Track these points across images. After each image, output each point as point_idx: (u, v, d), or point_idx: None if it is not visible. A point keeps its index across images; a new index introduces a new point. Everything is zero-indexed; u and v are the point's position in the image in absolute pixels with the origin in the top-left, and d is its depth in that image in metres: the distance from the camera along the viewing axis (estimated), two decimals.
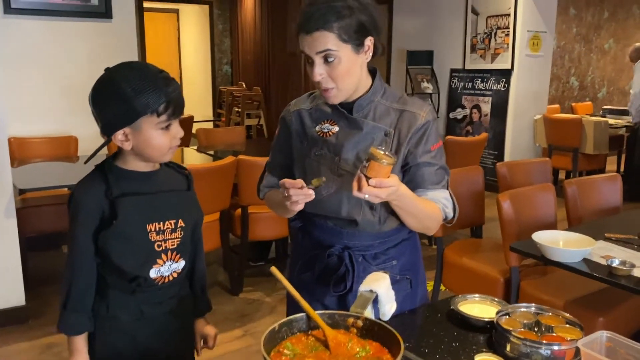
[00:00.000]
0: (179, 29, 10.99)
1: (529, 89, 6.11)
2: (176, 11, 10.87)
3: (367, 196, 1.18)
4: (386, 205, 1.37)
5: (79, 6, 4.17)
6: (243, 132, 5.18)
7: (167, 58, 10.67)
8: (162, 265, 1.34)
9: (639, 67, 5.80)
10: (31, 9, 4.02)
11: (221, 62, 10.58)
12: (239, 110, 9.31)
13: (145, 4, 9.34)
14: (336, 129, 1.42)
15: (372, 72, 1.46)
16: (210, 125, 9.94)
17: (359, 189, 1.18)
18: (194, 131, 6.01)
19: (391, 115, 1.42)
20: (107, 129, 1.26)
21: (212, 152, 4.36)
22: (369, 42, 1.36)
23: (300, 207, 1.28)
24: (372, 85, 1.43)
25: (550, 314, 1.38)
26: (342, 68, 1.32)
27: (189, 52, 10.90)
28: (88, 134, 4.22)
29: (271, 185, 1.56)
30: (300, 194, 1.25)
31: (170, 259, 1.35)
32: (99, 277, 1.35)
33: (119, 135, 1.27)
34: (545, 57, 6.19)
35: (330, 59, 1.30)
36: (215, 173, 3.22)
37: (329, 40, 1.29)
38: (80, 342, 1.34)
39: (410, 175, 1.42)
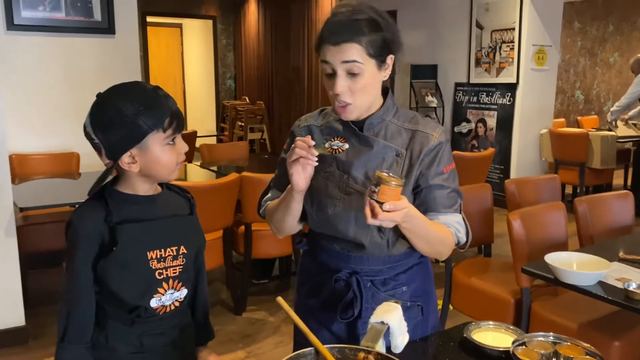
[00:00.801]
0: (182, 44, 11.02)
1: (535, 103, 6.07)
2: (179, 26, 10.90)
3: (382, 222, 1.14)
4: (395, 227, 1.32)
5: (82, 22, 4.16)
6: (246, 147, 5.15)
7: (170, 73, 10.69)
8: (163, 295, 1.28)
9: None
10: (34, 25, 4.00)
11: (225, 77, 10.59)
12: (242, 124, 9.29)
13: (149, 19, 9.40)
14: (346, 146, 1.39)
15: (385, 91, 1.42)
16: (213, 140, 9.92)
17: (374, 216, 1.13)
18: (197, 146, 5.98)
19: (403, 136, 1.38)
20: (114, 153, 1.22)
21: (215, 168, 4.32)
22: (389, 60, 1.34)
23: (303, 182, 1.27)
24: (383, 103, 1.40)
25: (568, 343, 1.32)
26: (364, 83, 1.29)
27: (192, 66, 10.92)
28: (90, 151, 4.13)
29: (274, 199, 1.50)
30: (308, 154, 1.23)
31: (172, 288, 1.30)
32: (97, 306, 1.29)
33: (125, 159, 1.21)
34: (551, 71, 6.16)
35: (354, 72, 1.28)
36: (218, 190, 3.17)
37: (356, 52, 1.27)
38: None
39: (421, 198, 1.37)
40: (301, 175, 1.27)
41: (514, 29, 5.87)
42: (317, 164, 1.26)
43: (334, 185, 1.38)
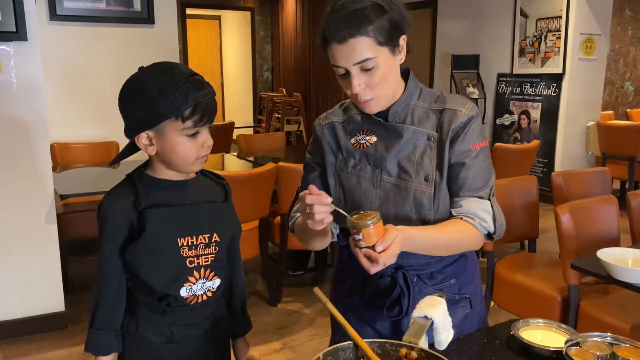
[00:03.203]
0: (220, 36, 11.09)
1: (582, 94, 5.82)
2: (218, 18, 10.97)
3: (386, 263, 1.06)
4: (436, 219, 1.25)
5: (122, 12, 4.19)
6: (283, 138, 5.12)
7: (208, 64, 10.77)
8: (194, 284, 1.24)
9: None
10: (75, 16, 4.06)
11: (262, 69, 10.60)
12: (279, 116, 9.29)
13: (188, 11, 9.47)
14: (374, 139, 1.31)
15: (405, 73, 1.33)
16: (250, 131, 9.96)
17: (375, 262, 1.05)
18: (234, 137, 6.00)
19: (431, 118, 1.29)
20: (129, 131, 1.19)
21: (252, 159, 4.30)
22: (402, 41, 1.24)
23: (322, 226, 1.12)
24: (405, 87, 1.31)
25: (627, 345, 1.22)
26: (381, 74, 1.20)
27: (230, 58, 10.97)
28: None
29: None
30: (323, 211, 1.09)
31: (204, 277, 1.25)
32: (128, 293, 1.26)
33: (142, 139, 1.18)
34: (599, 61, 5.90)
35: (369, 67, 1.19)
36: (254, 180, 3.15)
37: (366, 46, 1.17)
38: None
39: (447, 179, 1.27)
40: (321, 225, 1.13)
41: (560, 17, 5.64)
42: (331, 218, 1.12)
43: (367, 181, 1.30)
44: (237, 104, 10.81)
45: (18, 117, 2.82)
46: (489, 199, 1.28)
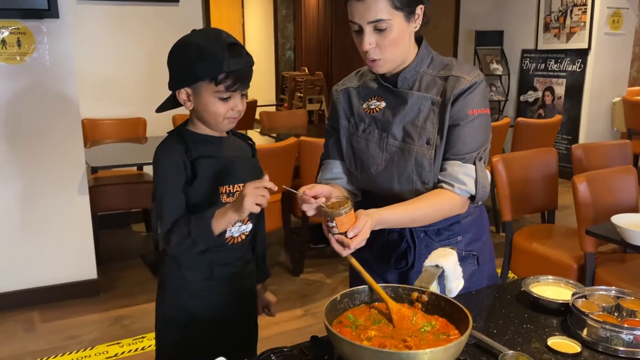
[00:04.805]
0: (243, 15, 11.11)
1: (608, 70, 5.74)
2: None
3: (357, 246, 1.13)
4: (438, 178, 1.33)
5: None
6: (305, 116, 5.18)
7: None
8: (232, 226, 1.36)
9: None
10: None
11: (284, 48, 10.62)
12: (301, 95, 9.32)
13: None
14: (383, 104, 1.38)
15: (419, 40, 1.38)
16: (272, 109, 10.02)
17: (347, 247, 1.12)
18: (257, 115, 6.07)
19: (437, 84, 1.35)
20: (171, 85, 1.33)
21: (274, 135, 4.37)
22: (419, 10, 1.30)
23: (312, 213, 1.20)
24: (417, 55, 1.36)
25: (632, 298, 1.27)
26: (392, 37, 1.27)
27: (252, 37, 11.01)
28: (156, 116, 4.30)
29: (328, 178, 1.46)
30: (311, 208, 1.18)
31: (240, 220, 1.37)
32: None
33: (182, 94, 1.32)
34: (627, 36, 5.79)
35: (382, 28, 1.25)
36: (277, 154, 3.22)
37: (382, 7, 1.23)
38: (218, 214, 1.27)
39: (444, 140, 1.32)
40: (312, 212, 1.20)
41: None
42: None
43: (375, 145, 1.38)
44: (259, 83, 10.87)
45: (51, 93, 2.93)
46: (474, 163, 1.32)
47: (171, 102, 1.37)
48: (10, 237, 2.98)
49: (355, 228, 1.13)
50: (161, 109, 1.39)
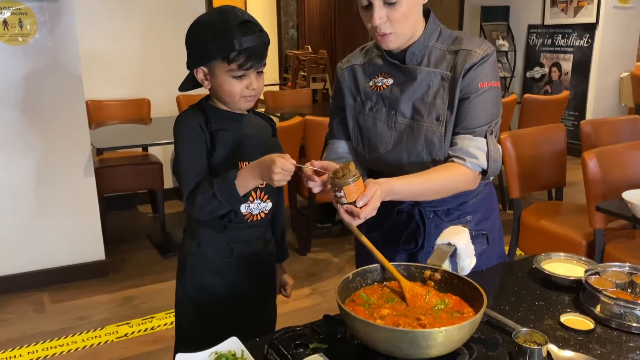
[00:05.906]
0: None
1: (616, 45, 5.66)
2: None
3: (367, 216, 1.08)
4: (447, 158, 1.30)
5: None
6: (309, 95, 5.14)
7: None
8: (252, 202, 1.36)
9: None
10: None
11: (287, 26, 10.51)
12: (305, 74, 9.25)
13: None
14: (390, 81, 1.35)
15: (426, 13, 1.35)
16: (276, 89, 9.96)
17: (357, 217, 1.07)
18: (261, 95, 6.04)
19: (447, 59, 1.32)
20: (189, 64, 1.33)
21: (279, 114, 4.35)
22: None
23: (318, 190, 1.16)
24: (425, 28, 1.33)
25: None
26: (403, 11, 1.24)
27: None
28: (160, 97, 4.31)
29: (333, 158, 1.44)
30: (316, 185, 1.14)
31: (259, 198, 1.38)
32: (190, 216, 1.38)
33: (199, 73, 1.32)
34: (636, 9, 5.69)
35: (391, 2, 1.23)
36: (282, 133, 3.15)
37: None
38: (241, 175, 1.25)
39: (454, 114, 1.30)
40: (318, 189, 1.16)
41: None
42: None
43: (383, 123, 1.35)
44: None
45: (54, 74, 2.91)
46: (485, 137, 1.29)
47: (191, 81, 1.37)
48: (18, 220, 2.99)
49: (365, 197, 1.07)
50: (182, 87, 1.40)
